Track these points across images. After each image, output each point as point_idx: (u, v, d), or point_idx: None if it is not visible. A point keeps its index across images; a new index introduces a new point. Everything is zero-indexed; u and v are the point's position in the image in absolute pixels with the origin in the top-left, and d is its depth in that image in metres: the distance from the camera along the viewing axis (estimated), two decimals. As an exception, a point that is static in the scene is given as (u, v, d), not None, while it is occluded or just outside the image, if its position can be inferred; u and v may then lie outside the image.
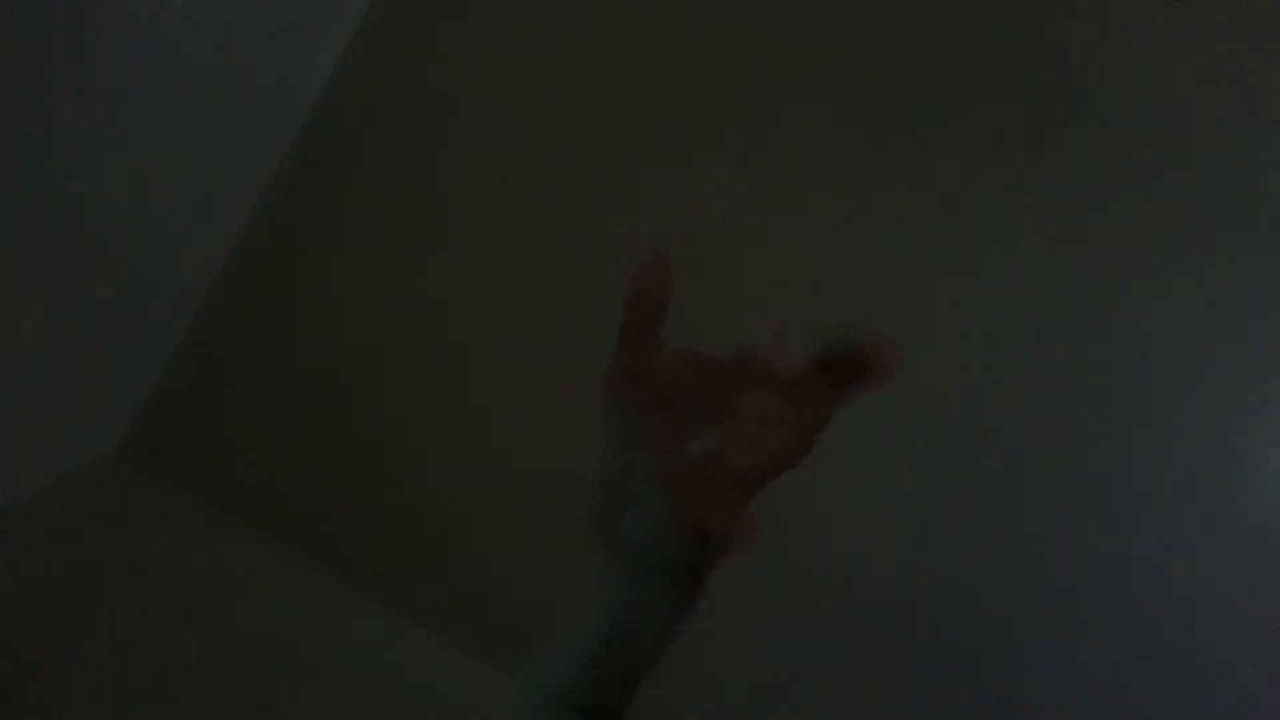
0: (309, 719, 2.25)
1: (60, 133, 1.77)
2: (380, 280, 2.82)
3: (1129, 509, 2.77)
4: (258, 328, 2.84)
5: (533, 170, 2.80)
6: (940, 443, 2.80)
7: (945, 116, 2.75)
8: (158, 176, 2.20)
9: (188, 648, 2.25)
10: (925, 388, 2.75)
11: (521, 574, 2.83)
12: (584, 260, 2.78)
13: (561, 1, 2.78)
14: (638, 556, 0.47)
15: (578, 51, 2.78)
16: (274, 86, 2.52)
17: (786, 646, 2.85)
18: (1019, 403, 2.78)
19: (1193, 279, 2.75)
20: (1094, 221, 2.76)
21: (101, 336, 2.34)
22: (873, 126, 2.76)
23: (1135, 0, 2.38)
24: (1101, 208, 2.75)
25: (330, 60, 2.76)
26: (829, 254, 2.77)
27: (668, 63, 2.77)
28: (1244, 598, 2.75)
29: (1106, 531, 2.77)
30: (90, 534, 2.45)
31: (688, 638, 2.85)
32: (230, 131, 2.41)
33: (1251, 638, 2.75)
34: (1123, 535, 2.77)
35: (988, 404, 2.78)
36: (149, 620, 2.27)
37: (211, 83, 2.19)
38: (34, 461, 2.37)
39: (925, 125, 2.75)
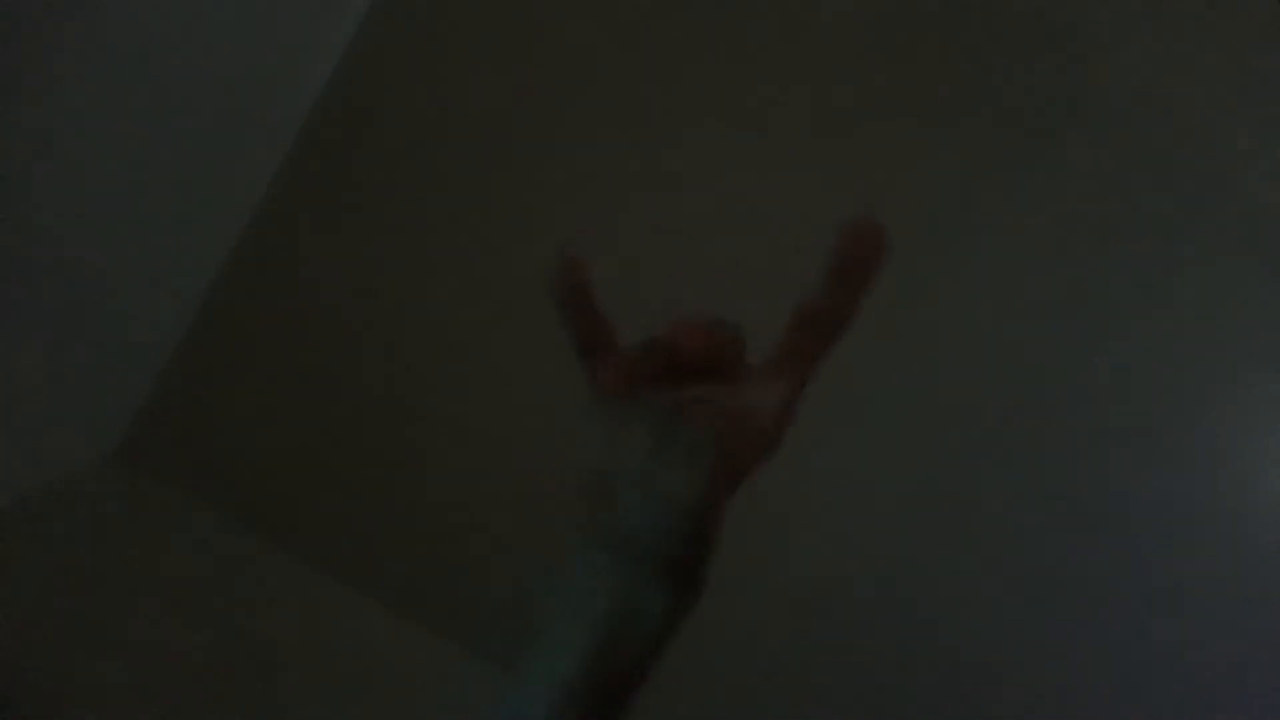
0: (308, 717, 2.25)
1: (60, 132, 1.78)
2: (380, 281, 2.82)
3: (1127, 509, 2.77)
4: (257, 328, 2.84)
5: (533, 171, 2.80)
6: (938, 442, 2.80)
7: (944, 120, 2.75)
8: (158, 176, 2.20)
9: (188, 648, 2.25)
10: (922, 387, 2.76)
11: (522, 574, 2.84)
12: (584, 260, 2.78)
13: (561, 2, 2.78)
14: (639, 541, 0.44)
15: (578, 52, 2.79)
16: (274, 87, 2.52)
17: (785, 646, 2.85)
18: (1017, 402, 2.78)
19: (1191, 282, 2.75)
20: (1092, 225, 2.76)
21: (101, 337, 2.34)
22: (871, 128, 2.76)
23: (1135, 6, 2.38)
24: (1099, 212, 2.75)
25: (330, 60, 2.76)
26: (825, 253, 2.77)
27: (667, 65, 2.77)
28: (1243, 599, 2.75)
29: (1105, 531, 2.77)
30: (90, 534, 2.45)
31: (687, 638, 2.85)
32: (230, 132, 2.41)
33: (1251, 639, 2.75)
34: (1122, 535, 2.77)
35: (985, 403, 2.78)
36: (149, 620, 2.27)
37: (212, 83, 2.19)
38: (34, 461, 2.37)
39: (924, 129, 2.75)
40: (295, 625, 2.55)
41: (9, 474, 2.27)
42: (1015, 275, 2.77)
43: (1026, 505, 2.79)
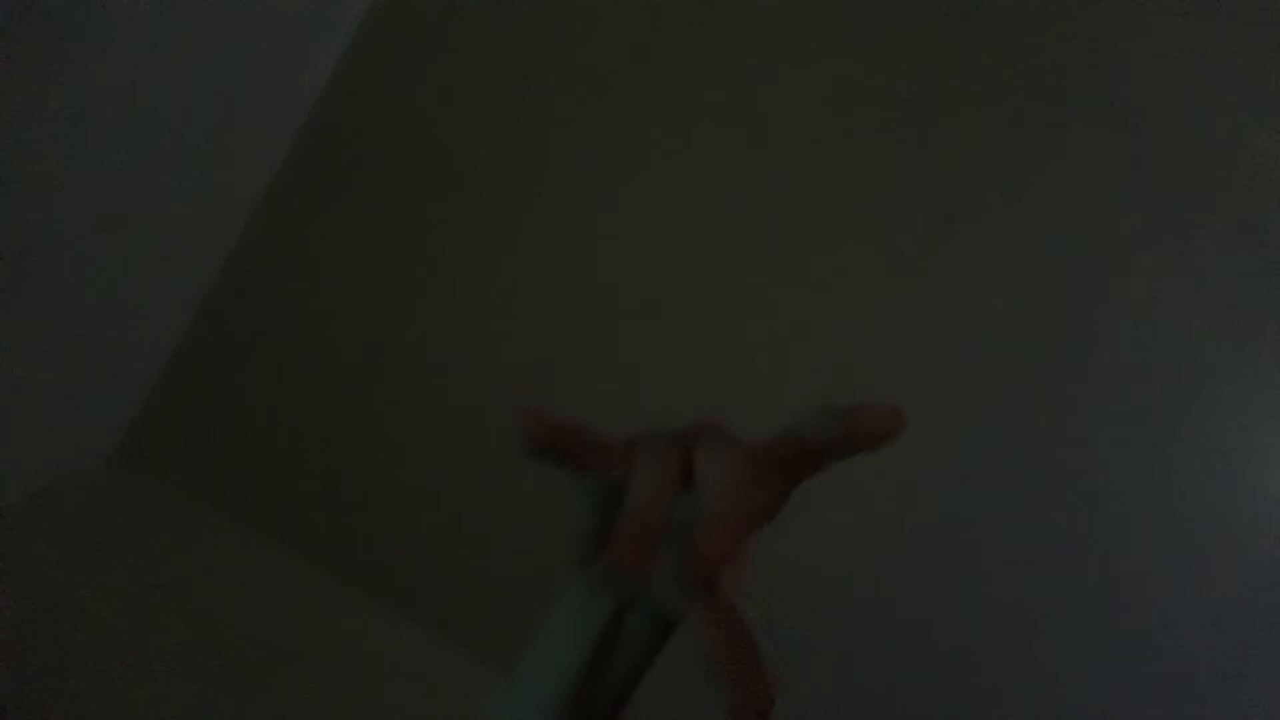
0: (308, 718, 2.26)
1: (59, 133, 1.78)
2: (380, 282, 2.83)
3: (1129, 511, 2.77)
4: (257, 329, 2.84)
5: (534, 170, 2.80)
6: (937, 444, 2.80)
7: (941, 113, 2.75)
8: (158, 176, 2.20)
9: (187, 647, 2.25)
10: (921, 387, 2.76)
11: (521, 573, 2.84)
12: (583, 263, 2.79)
13: (565, 8, 2.78)
14: (627, 594, 0.47)
15: (579, 51, 2.79)
16: (274, 87, 2.52)
17: (783, 649, 2.85)
18: (1017, 405, 2.78)
19: (1194, 278, 2.75)
20: (1092, 222, 2.76)
21: (101, 337, 2.34)
22: (868, 123, 2.76)
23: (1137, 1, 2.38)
24: (1100, 208, 2.75)
25: (330, 60, 2.76)
26: (823, 255, 2.78)
27: (669, 63, 2.78)
28: (1246, 606, 2.75)
29: (1108, 533, 2.77)
30: (90, 534, 2.45)
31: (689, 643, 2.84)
32: (230, 132, 2.41)
33: (1251, 646, 2.75)
34: (1124, 537, 2.77)
35: (984, 406, 2.79)
36: (149, 620, 2.27)
37: (211, 83, 2.19)
38: (34, 461, 2.37)
39: (923, 123, 2.75)
40: (295, 625, 2.55)
41: (9, 474, 2.27)
42: (1013, 276, 2.78)
43: (1027, 507, 2.79)
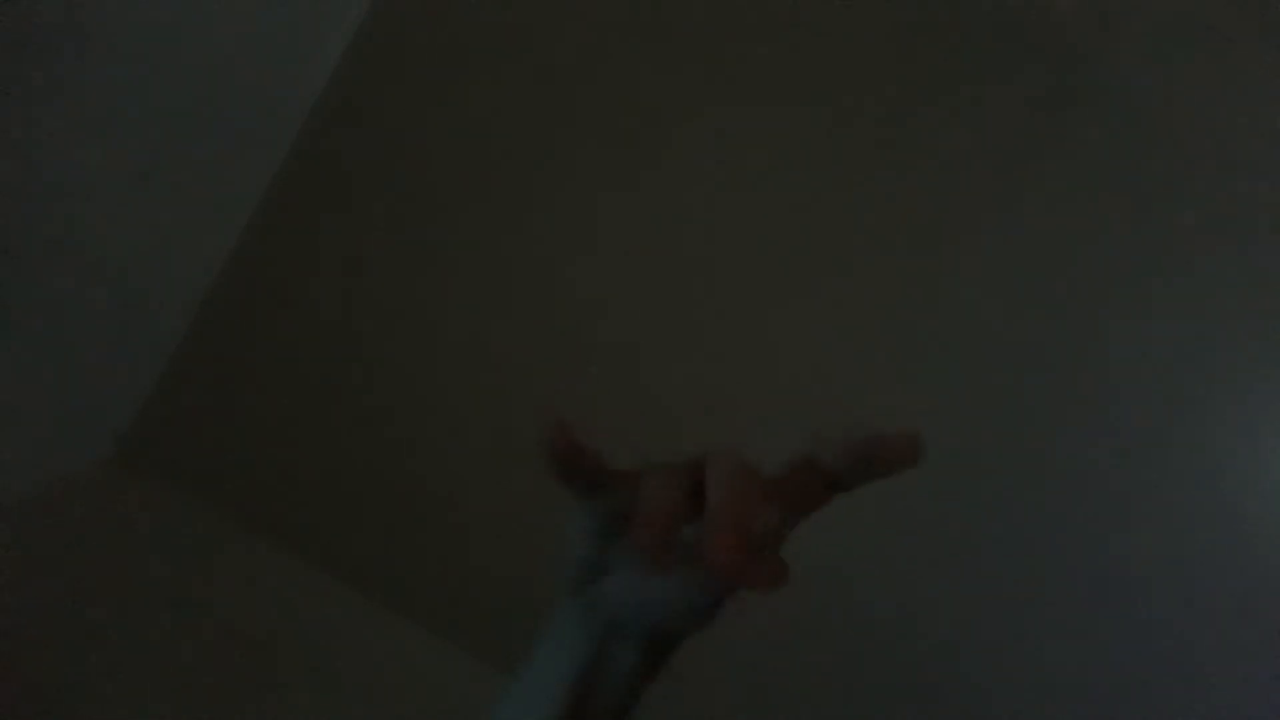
0: (307, 718, 2.26)
1: (59, 132, 1.78)
2: (379, 281, 2.83)
3: (1128, 511, 2.77)
4: (257, 328, 2.84)
5: (533, 171, 2.80)
6: (936, 446, 2.80)
7: (940, 110, 2.75)
8: (158, 176, 2.20)
9: (187, 648, 2.25)
10: (920, 392, 2.76)
11: (520, 574, 2.84)
12: (581, 264, 2.79)
13: (561, 4, 2.78)
14: (621, 618, 0.46)
15: (577, 53, 2.79)
16: (274, 86, 2.52)
17: (784, 655, 2.85)
18: (1016, 406, 2.78)
19: (1192, 274, 2.75)
20: (1092, 218, 2.76)
21: (101, 337, 2.34)
22: (865, 123, 2.76)
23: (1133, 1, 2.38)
24: (1101, 203, 2.75)
25: (330, 60, 2.76)
26: (819, 257, 2.78)
27: (666, 65, 2.77)
28: (1247, 602, 2.75)
29: (1107, 533, 2.77)
30: (90, 534, 2.45)
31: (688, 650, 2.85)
32: (230, 132, 2.41)
33: (1253, 642, 2.75)
34: (1124, 538, 2.77)
35: (983, 408, 2.78)
36: (149, 620, 2.27)
37: (211, 82, 2.19)
38: (34, 461, 2.37)
39: (921, 121, 2.75)
40: (295, 625, 2.55)
41: (9, 474, 2.27)
42: (1011, 274, 2.77)
43: (1025, 509, 2.79)
